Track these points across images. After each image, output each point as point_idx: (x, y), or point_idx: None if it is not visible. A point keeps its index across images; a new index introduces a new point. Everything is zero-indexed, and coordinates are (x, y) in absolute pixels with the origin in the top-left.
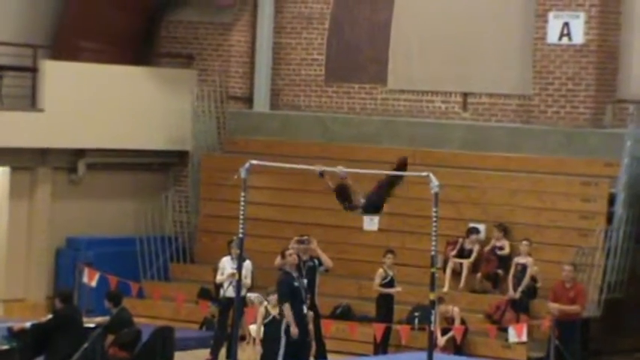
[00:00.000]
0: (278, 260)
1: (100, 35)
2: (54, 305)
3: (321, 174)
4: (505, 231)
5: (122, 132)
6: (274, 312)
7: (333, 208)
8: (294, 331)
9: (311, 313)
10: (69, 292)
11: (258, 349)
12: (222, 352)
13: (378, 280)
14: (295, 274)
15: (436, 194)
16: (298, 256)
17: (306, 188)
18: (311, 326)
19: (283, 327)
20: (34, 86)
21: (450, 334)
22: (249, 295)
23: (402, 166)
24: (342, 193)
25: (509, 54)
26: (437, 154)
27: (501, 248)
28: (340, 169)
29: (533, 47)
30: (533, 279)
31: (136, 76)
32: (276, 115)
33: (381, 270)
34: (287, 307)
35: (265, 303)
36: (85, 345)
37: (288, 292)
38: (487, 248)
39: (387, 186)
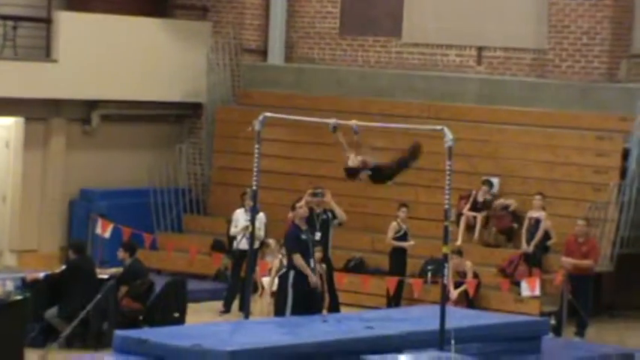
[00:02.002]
0: (290, 213)
1: None
2: (67, 256)
3: (334, 129)
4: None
5: (136, 84)
6: None
7: (346, 160)
8: (313, 279)
9: (324, 266)
10: (82, 243)
11: (270, 300)
12: (235, 303)
13: (391, 234)
14: (304, 227)
15: (450, 148)
16: (312, 208)
17: (320, 141)
18: (323, 279)
19: (290, 280)
20: (48, 37)
21: (463, 287)
22: (268, 240)
23: (416, 152)
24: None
25: (524, 8)
26: (451, 107)
27: (507, 205)
28: (354, 122)
29: (549, 1)
30: (547, 234)
31: (150, 28)
32: (291, 68)
33: (394, 223)
34: (298, 257)
35: (280, 255)
36: (99, 296)
37: (296, 245)
38: (499, 202)
39: (398, 167)
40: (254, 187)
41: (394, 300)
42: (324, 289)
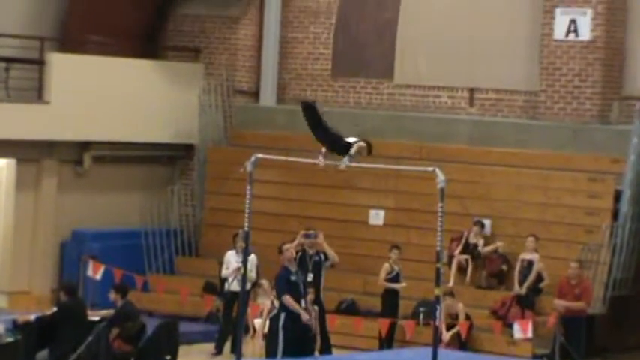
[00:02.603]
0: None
1: (107, 28)
2: (59, 298)
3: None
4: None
5: (128, 125)
6: None
7: (338, 202)
8: (305, 315)
9: (316, 308)
10: (74, 284)
11: (261, 342)
12: (227, 345)
13: (383, 275)
14: (294, 269)
15: (442, 189)
16: (304, 250)
17: (312, 182)
18: (315, 321)
19: (281, 322)
20: (41, 79)
21: (455, 329)
22: (261, 280)
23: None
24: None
25: (516, 50)
26: (443, 149)
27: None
28: (345, 162)
29: (540, 43)
30: (539, 275)
31: (143, 70)
32: (283, 109)
33: (386, 265)
34: (287, 298)
35: (272, 297)
36: (90, 338)
37: (285, 287)
38: (489, 249)
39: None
40: (246, 229)
41: (386, 342)
42: (316, 331)
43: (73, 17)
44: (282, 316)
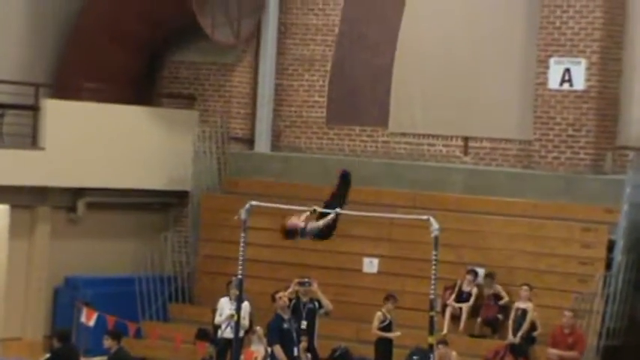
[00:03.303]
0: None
1: (101, 74)
2: (52, 344)
3: (314, 211)
4: (492, 278)
5: (122, 172)
6: None
7: (332, 250)
8: None
9: (309, 355)
10: (67, 331)
11: None
12: None
13: (376, 323)
14: (286, 317)
15: (436, 238)
16: (298, 297)
17: None
18: None
19: None
20: (35, 125)
21: None
22: (256, 327)
23: (346, 180)
24: (289, 234)
25: (510, 99)
26: (437, 197)
27: (497, 296)
28: (338, 211)
29: (534, 92)
30: (533, 325)
31: (137, 116)
32: (277, 156)
33: (379, 313)
34: (277, 349)
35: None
36: None
37: (277, 335)
38: (487, 294)
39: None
40: (239, 276)
41: None
42: None
43: (67, 63)
44: None
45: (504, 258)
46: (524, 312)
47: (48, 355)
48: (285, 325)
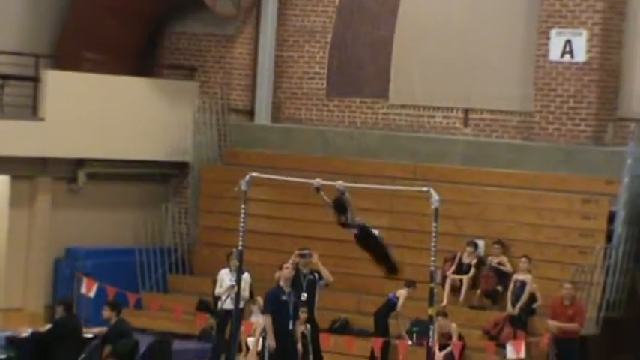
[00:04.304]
0: (277, 273)
1: (102, 46)
2: (54, 313)
3: (317, 189)
4: (503, 247)
5: (123, 142)
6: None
7: (333, 221)
8: (272, 343)
9: (309, 327)
10: (71, 300)
11: None
12: None
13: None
14: (287, 289)
15: (436, 210)
16: (298, 269)
17: (306, 201)
18: (307, 340)
19: (266, 339)
20: (36, 95)
21: (448, 349)
22: (257, 297)
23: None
24: (340, 206)
25: (511, 70)
26: (438, 169)
27: (500, 264)
28: (340, 184)
29: (535, 64)
30: (532, 297)
31: (137, 87)
32: (277, 128)
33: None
34: (267, 318)
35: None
36: (83, 355)
37: (274, 305)
38: (486, 265)
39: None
40: (240, 247)
41: None
42: (309, 350)
43: (68, 34)
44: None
45: (504, 230)
46: (523, 283)
47: (50, 325)
48: (284, 297)
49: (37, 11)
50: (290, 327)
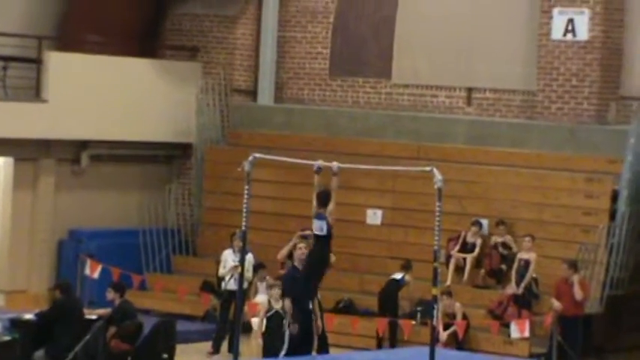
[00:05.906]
0: (281, 253)
1: (105, 27)
2: (53, 296)
3: (318, 170)
4: (506, 227)
5: (126, 124)
6: (277, 306)
7: (336, 201)
8: (295, 329)
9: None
10: (68, 282)
11: (259, 342)
12: (224, 344)
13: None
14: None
15: (439, 189)
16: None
17: (310, 182)
18: (317, 320)
19: (287, 321)
20: (39, 77)
21: (452, 329)
22: (267, 276)
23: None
24: (325, 197)
25: (513, 49)
26: (441, 148)
27: (504, 244)
28: (335, 164)
29: (538, 43)
30: (534, 280)
31: (140, 68)
32: (280, 108)
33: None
34: (287, 302)
35: (268, 296)
36: (87, 337)
37: (293, 287)
38: (490, 244)
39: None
40: (243, 228)
41: (389, 341)
42: (318, 332)
43: (71, 16)
44: (288, 315)
45: (508, 209)
46: (527, 263)
47: (48, 307)
48: (299, 276)
49: None
50: (310, 307)
